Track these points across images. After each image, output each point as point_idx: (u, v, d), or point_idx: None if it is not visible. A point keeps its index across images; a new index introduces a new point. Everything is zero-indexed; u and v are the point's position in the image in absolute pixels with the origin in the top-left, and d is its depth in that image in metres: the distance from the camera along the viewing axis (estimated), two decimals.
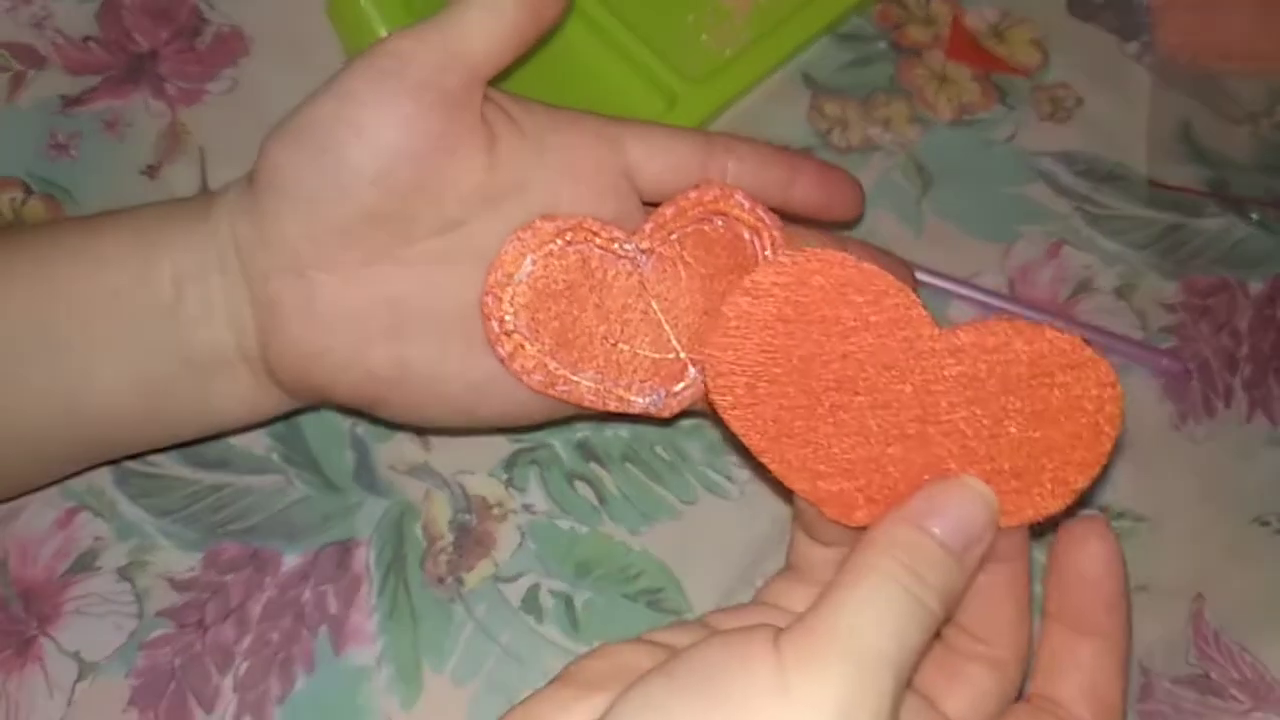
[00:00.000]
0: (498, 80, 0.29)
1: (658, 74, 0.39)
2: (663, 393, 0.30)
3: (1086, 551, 0.25)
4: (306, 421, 0.35)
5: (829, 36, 0.42)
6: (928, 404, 0.25)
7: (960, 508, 0.23)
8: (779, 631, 0.20)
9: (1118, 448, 0.25)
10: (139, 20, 0.40)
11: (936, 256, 0.39)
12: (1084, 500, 0.25)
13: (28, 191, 0.37)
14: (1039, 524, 0.25)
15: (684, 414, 0.31)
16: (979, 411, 0.24)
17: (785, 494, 0.26)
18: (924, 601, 0.21)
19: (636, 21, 0.39)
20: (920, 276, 0.38)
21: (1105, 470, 0.25)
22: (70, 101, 0.38)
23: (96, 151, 0.37)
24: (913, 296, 0.25)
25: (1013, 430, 0.24)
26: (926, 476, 0.25)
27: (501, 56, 0.28)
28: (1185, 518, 0.37)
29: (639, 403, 0.30)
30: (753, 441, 0.25)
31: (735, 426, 0.25)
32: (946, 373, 0.24)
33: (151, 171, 0.37)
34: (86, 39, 0.39)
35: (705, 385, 0.27)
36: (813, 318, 0.24)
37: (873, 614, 0.20)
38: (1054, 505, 0.25)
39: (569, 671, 0.22)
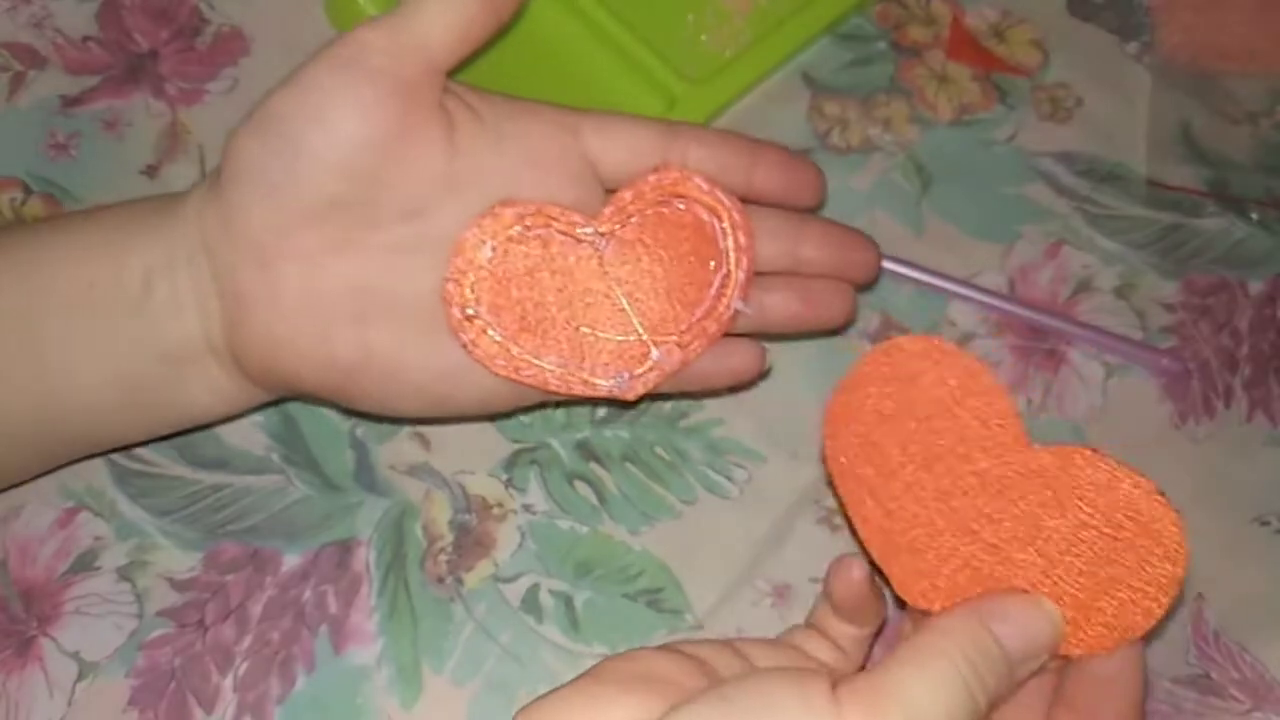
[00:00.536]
0: (461, 68, 0.29)
1: (658, 75, 0.39)
2: (626, 375, 0.30)
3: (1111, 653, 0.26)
4: (306, 421, 0.35)
5: (829, 36, 0.42)
6: (1003, 512, 0.26)
7: (1029, 621, 0.25)
8: (838, 679, 0.22)
9: (1170, 589, 0.26)
10: (139, 20, 0.40)
11: (937, 256, 0.39)
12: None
13: (27, 191, 0.37)
14: None
15: (652, 396, 0.32)
16: (1051, 533, 0.25)
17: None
18: (975, 695, 0.22)
19: (636, 22, 0.39)
20: (920, 277, 0.38)
21: (1155, 628, 0.26)
22: (70, 101, 0.38)
23: (96, 151, 0.38)
24: (1011, 406, 0.26)
25: (1079, 564, 0.25)
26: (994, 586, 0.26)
27: (459, 48, 0.28)
28: (1185, 517, 0.36)
29: (603, 385, 0.30)
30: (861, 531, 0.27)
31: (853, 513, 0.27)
32: (1028, 492, 0.25)
33: (151, 171, 0.37)
34: (86, 39, 0.39)
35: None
36: (915, 413, 0.26)
37: (931, 689, 0.22)
38: (1100, 647, 0.26)
39: (600, 670, 0.23)
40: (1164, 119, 0.42)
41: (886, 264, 0.38)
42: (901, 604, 0.28)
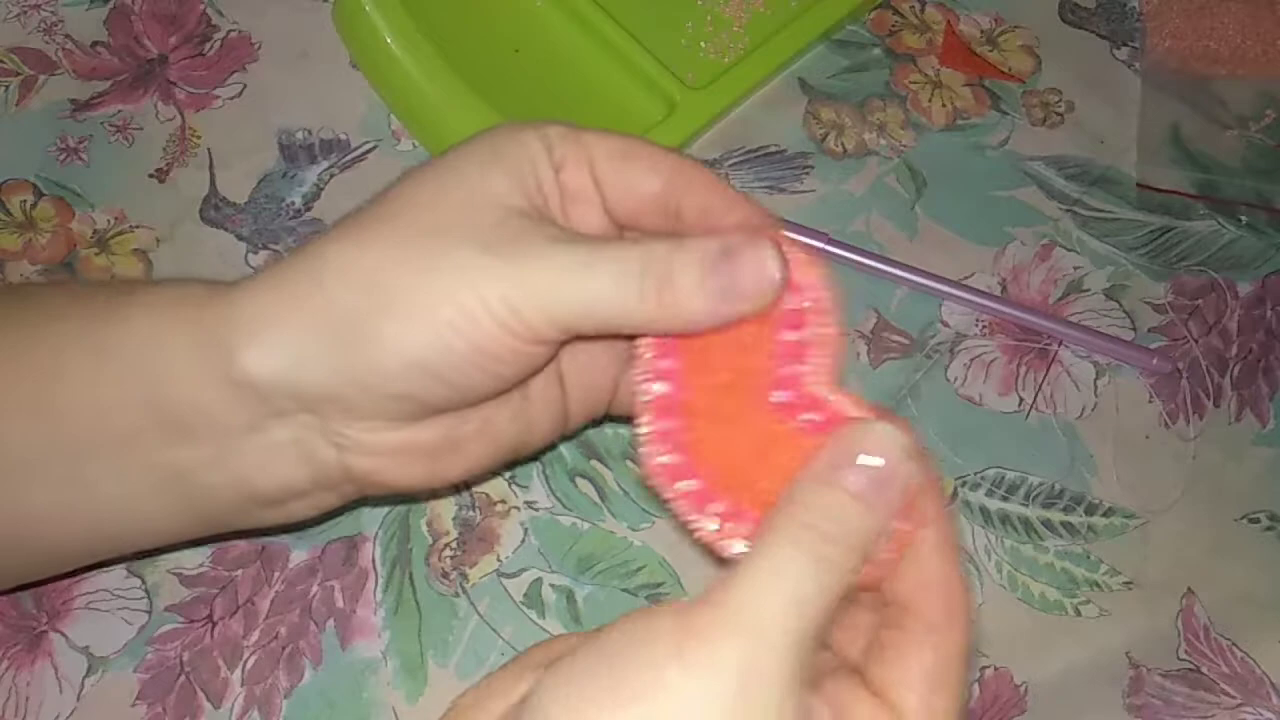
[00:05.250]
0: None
1: (658, 81, 0.39)
2: None
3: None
4: None
5: (825, 43, 0.43)
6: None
7: (867, 449, 0.22)
8: (682, 606, 0.20)
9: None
10: (148, 26, 0.40)
11: (930, 259, 0.39)
12: None
13: (38, 194, 0.37)
14: None
15: None
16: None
17: None
18: (830, 559, 0.21)
19: (637, 30, 0.40)
20: (913, 279, 0.39)
21: None
22: (80, 105, 0.39)
23: (106, 155, 0.38)
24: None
25: None
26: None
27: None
28: (1175, 515, 0.37)
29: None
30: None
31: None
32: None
33: (160, 175, 0.38)
34: (95, 44, 0.40)
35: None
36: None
37: (771, 584, 0.20)
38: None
39: (519, 657, 0.23)
40: (1154, 123, 0.43)
41: (881, 265, 0.39)
42: None
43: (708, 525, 0.24)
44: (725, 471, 0.24)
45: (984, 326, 0.39)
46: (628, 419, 0.34)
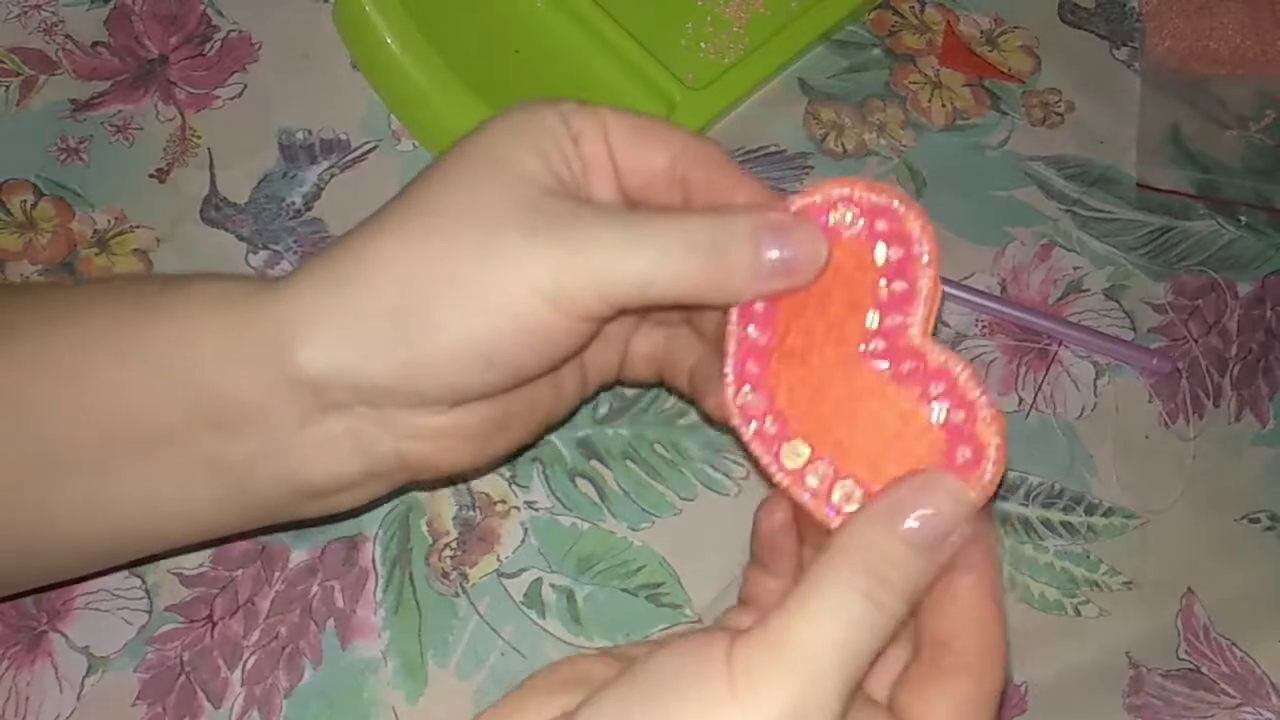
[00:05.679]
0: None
1: (658, 81, 0.40)
2: None
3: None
4: None
5: (825, 44, 0.43)
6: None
7: (929, 503, 0.23)
8: (734, 639, 0.21)
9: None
10: (149, 26, 0.40)
11: None
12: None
13: (39, 194, 0.37)
14: None
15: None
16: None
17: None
18: (885, 607, 0.21)
19: (637, 30, 0.40)
20: None
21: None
22: (80, 105, 0.39)
23: (106, 155, 0.38)
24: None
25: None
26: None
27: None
28: (1174, 515, 0.37)
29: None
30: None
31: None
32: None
33: (161, 175, 0.38)
34: (96, 44, 0.40)
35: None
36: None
37: (827, 626, 0.21)
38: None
39: (534, 678, 0.23)
40: (1154, 123, 0.43)
41: None
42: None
43: (808, 481, 0.24)
44: (809, 417, 0.25)
45: (984, 326, 0.39)
46: (634, 385, 0.34)
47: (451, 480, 0.35)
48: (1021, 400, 0.38)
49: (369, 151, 0.39)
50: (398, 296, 0.24)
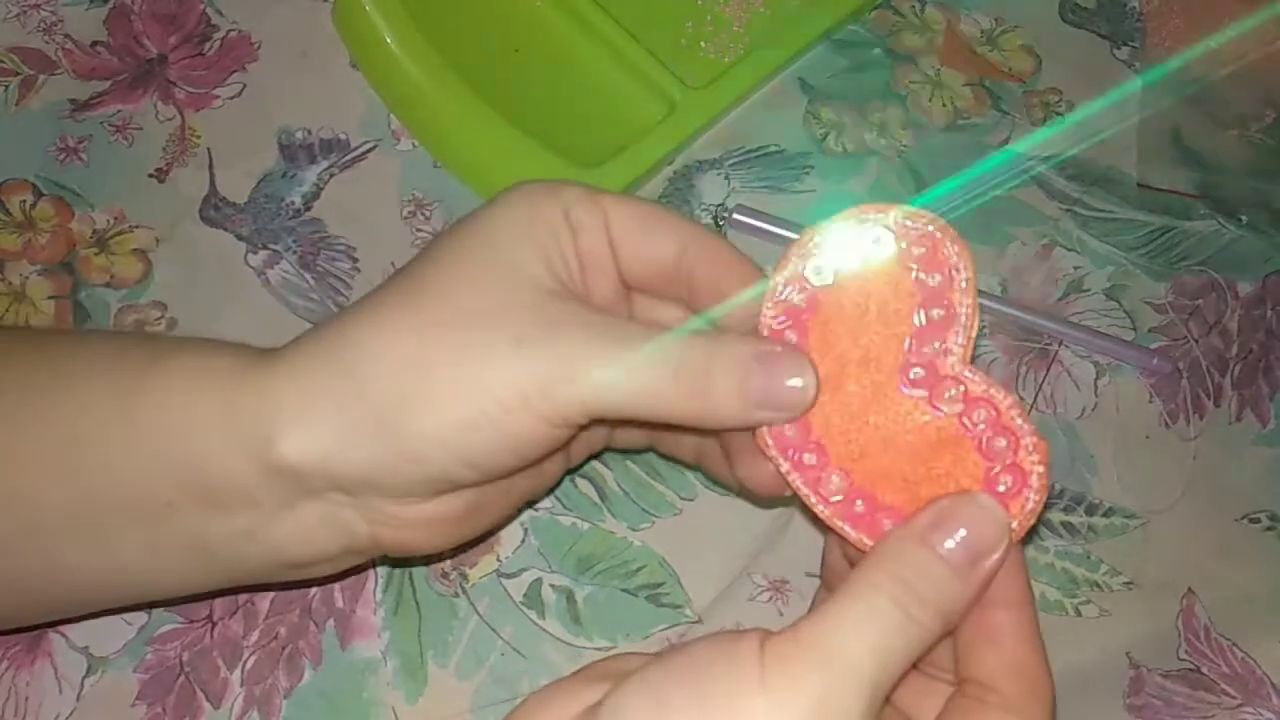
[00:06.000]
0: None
1: (658, 81, 0.40)
2: None
3: None
4: None
5: (825, 43, 0.43)
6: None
7: (966, 523, 0.23)
8: (768, 636, 0.21)
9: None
10: (148, 26, 0.40)
11: None
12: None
13: (38, 194, 0.37)
14: None
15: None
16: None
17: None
18: (919, 620, 0.22)
19: (638, 30, 0.40)
20: None
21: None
22: (80, 105, 0.39)
23: (106, 155, 0.38)
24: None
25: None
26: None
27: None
28: (1175, 515, 0.37)
29: None
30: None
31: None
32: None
33: (160, 174, 0.38)
34: (95, 44, 0.40)
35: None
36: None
37: (856, 628, 0.21)
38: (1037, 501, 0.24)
39: (585, 669, 0.23)
40: (1154, 123, 0.43)
41: None
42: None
43: (850, 510, 0.25)
44: (847, 447, 0.25)
45: (984, 326, 0.39)
46: (623, 452, 0.34)
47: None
48: (1022, 400, 0.38)
49: (368, 151, 0.39)
50: (382, 392, 0.24)
